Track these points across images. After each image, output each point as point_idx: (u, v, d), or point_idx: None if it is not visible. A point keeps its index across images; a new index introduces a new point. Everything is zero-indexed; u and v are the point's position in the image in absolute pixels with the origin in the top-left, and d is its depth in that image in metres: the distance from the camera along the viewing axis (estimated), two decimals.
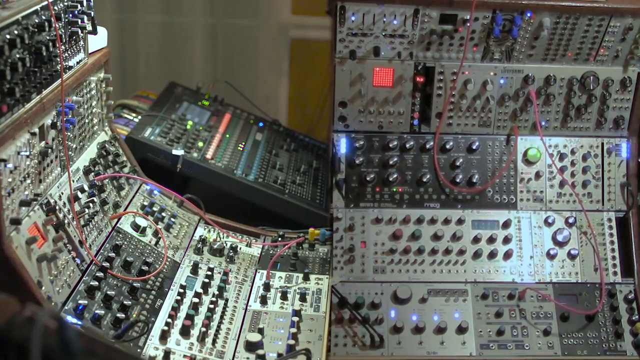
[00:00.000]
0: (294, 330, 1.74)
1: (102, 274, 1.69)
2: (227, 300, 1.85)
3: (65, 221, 1.68)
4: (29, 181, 1.58)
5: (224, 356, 1.67)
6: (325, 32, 1.95)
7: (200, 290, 1.82)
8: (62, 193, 1.73)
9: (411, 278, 1.82)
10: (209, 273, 1.92)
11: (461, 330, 1.78)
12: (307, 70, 3.65)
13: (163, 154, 2.33)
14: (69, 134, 1.81)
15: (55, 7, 1.67)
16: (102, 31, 2.05)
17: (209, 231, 2.16)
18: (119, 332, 1.58)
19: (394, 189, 1.85)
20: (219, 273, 1.96)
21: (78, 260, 1.67)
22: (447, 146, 1.87)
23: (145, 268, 1.81)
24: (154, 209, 2.06)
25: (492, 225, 1.87)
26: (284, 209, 2.38)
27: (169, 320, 1.68)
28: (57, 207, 1.66)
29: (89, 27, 1.87)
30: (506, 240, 1.86)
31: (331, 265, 1.79)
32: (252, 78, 3.55)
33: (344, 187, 1.82)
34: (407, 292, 1.79)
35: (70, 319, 1.54)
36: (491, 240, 1.86)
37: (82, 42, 1.90)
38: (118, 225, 1.91)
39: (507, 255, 1.86)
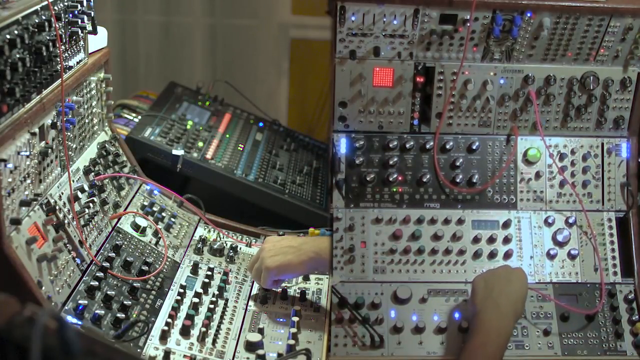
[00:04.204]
0: (294, 330, 1.74)
1: (102, 274, 1.69)
2: (227, 300, 1.85)
3: (65, 221, 1.68)
4: (29, 181, 1.58)
5: (224, 356, 1.67)
6: (325, 32, 1.94)
7: (200, 290, 1.82)
8: (62, 193, 1.73)
9: (411, 278, 1.82)
10: (209, 273, 1.92)
11: (461, 330, 1.77)
12: (307, 70, 3.65)
13: (163, 154, 2.33)
14: (69, 134, 1.81)
15: (55, 7, 1.67)
16: (102, 31, 2.05)
17: (209, 231, 2.16)
18: (119, 332, 1.58)
19: (394, 189, 1.85)
20: (219, 273, 1.96)
21: (78, 260, 1.67)
22: (447, 146, 1.86)
23: (145, 268, 1.81)
24: (154, 209, 2.06)
25: (492, 225, 1.87)
26: (284, 209, 2.38)
27: (169, 320, 1.68)
28: (57, 207, 1.66)
29: (89, 27, 1.87)
30: (506, 240, 1.86)
31: (331, 265, 1.79)
32: (252, 78, 3.55)
33: (344, 187, 1.82)
34: (407, 292, 1.79)
35: (70, 319, 1.54)
36: (491, 240, 1.86)
37: (82, 42, 1.90)
38: (118, 225, 1.91)
39: (507, 255, 1.85)
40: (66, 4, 1.75)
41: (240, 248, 2.12)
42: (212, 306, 1.78)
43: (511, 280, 1.71)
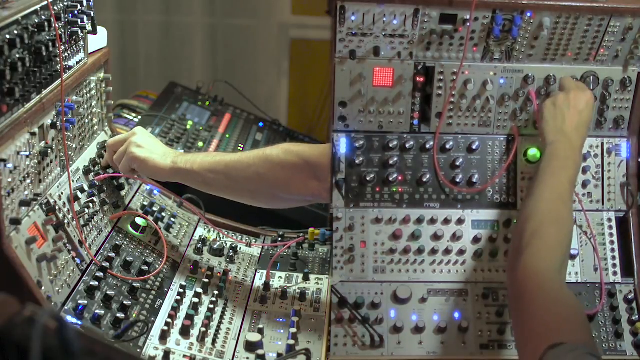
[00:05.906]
0: (294, 330, 1.74)
1: (102, 274, 1.69)
2: (227, 300, 1.85)
3: (65, 221, 1.68)
4: (28, 181, 1.58)
5: (224, 356, 1.67)
6: (325, 32, 1.95)
7: (200, 290, 1.82)
8: (62, 193, 1.73)
9: (411, 278, 1.82)
10: (209, 273, 1.92)
11: (461, 330, 1.77)
12: (307, 70, 3.65)
13: None
14: (69, 134, 1.81)
15: (55, 7, 1.67)
16: (102, 31, 2.05)
17: (209, 231, 2.16)
18: (119, 332, 1.58)
19: (394, 189, 1.85)
20: (219, 273, 1.96)
21: (78, 260, 1.67)
22: (447, 146, 1.86)
23: (145, 268, 1.81)
24: (154, 209, 2.06)
25: (492, 225, 1.87)
26: (284, 209, 2.38)
27: (169, 320, 1.68)
28: (57, 207, 1.66)
29: (89, 27, 1.87)
30: (507, 240, 1.86)
31: (331, 265, 1.79)
32: (252, 78, 3.56)
33: (344, 187, 1.82)
34: (407, 292, 1.79)
35: (70, 319, 1.54)
36: (491, 240, 1.86)
37: (82, 42, 1.90)
38: (118, 225, 1.91)
39: (508, 255, 1.85)
40: (66, 4, 1.75)
41: (240, 248, 2.12)
42: (212, 306, 1.78)
43: (581, 111, 1.75)
